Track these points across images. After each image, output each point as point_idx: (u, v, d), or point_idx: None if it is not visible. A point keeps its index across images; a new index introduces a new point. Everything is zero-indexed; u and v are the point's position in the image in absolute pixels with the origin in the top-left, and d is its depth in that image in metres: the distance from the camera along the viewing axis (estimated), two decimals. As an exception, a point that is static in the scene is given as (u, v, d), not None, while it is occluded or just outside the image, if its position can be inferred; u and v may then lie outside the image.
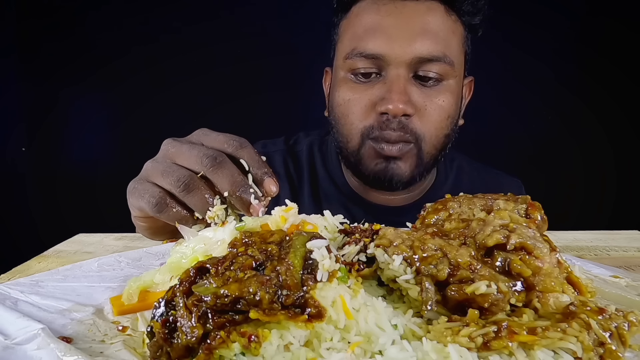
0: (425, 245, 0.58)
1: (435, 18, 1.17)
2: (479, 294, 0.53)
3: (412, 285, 0.57)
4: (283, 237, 0.59)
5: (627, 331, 0.51)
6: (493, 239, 0.56)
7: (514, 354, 0.49)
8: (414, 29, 1.15)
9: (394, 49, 1.15)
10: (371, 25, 1.18)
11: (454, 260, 0.56)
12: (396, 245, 0.59)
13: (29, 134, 2.42)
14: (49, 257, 1.00)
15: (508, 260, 0.56)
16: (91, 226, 1.26)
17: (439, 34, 1.17)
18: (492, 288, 0.53)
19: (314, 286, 0.50)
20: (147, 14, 2.29)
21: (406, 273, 0.57)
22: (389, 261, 0.58)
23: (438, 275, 0.55)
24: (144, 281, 0.70)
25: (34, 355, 0.53)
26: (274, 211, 0.68)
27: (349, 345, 0.51)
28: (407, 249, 0.58)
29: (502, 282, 0.54)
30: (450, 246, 0.58)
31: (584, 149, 2.26)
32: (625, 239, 1.14)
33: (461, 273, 0.55)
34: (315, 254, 0.54)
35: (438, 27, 1.17)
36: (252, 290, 0.49)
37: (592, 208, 2.14)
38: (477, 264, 0.55)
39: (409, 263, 0.58)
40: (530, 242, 0.56)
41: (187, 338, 0.48)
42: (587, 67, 2.22)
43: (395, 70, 1.16)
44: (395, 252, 0.58)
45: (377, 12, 1.19)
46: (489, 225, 0.58)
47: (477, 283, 0.53)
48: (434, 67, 1.16)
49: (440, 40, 1.16)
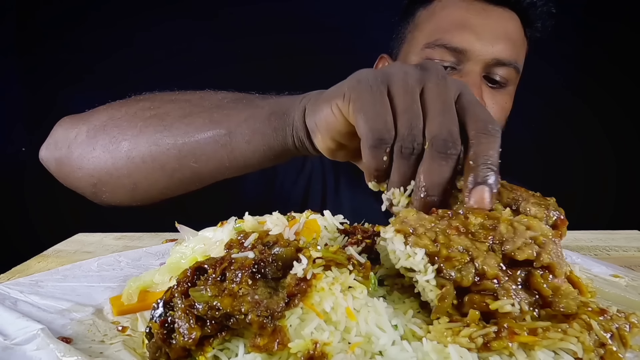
0: (451, 244, 0.54)
1: (514, 27, 1.28)
2: (502, 312, 0.51)
3: (433, 287, 0.53)
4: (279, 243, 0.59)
5: (628, 332, 0.51)
6: (524, 254, 0.53)
7: (515, 354, 0.49)
8: (498, 32, 1.23)
9: (477, 46, 1.21)
10: (459, 20, 1.24)
11: (481, 268, 0.52)
12: (419, 234, 0.55)
13: (28, 134, 2.42)
14: (48, 256, 1.00)
15: (529, 275, 0.54)
16: (91, 226, 1.25)
17: (516, 41, 1.27)
18: (516, 307, 0.51)
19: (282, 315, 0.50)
20: (148, 12, 2.29)
21: (426, 271, 0.53)
22: (409, 253, 0.54)
23: (462, 282, 0.52)
24: (144, 281, 0.70)
25: (34, 355, 0.53)
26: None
27: (349, 345, 0.50)
28: (431, 243, 0.54)
29: (524, 302, 0.52)
30: (478, 250, 0.54)
31: (584, 148, 2.26)
32: (625, 239, 1.14)
33: (485, 284, 0.52)
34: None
35: (515, 35, 1.27)
36: (244, 310, 0.48)
37: (592, 208, 2.14)
38: (504, 276, 0.53)
39: (430, 260, 0.53)
40: (556, 260, 0.54)
41: (184, 339, 0.48)
42: (587, 67, 2.22)
43: (473, 66, 1.22)
44: (417, 243, 0.54)
45: (467, 10, 1.25)
46: (520, 237, 0.54)
47: (504, 301, 0.51)
48: (504, 71, 1.25)
49: (516, 48, 1.26)
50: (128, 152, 0.93)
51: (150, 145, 0.91)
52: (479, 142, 0.60)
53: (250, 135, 0.82)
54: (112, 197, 1.01)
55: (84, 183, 1.01)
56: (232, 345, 0.51)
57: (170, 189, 0.96)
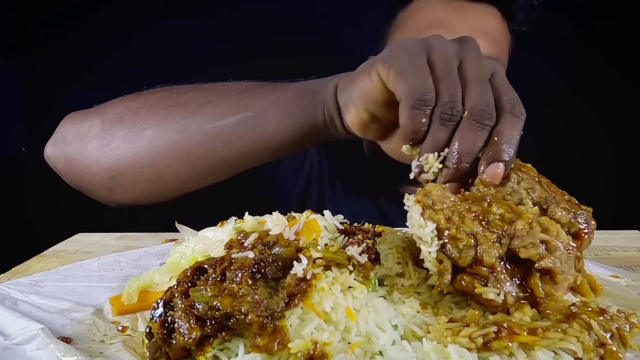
0: (462, 226, 0.57)
1: (494, 22, 1.25)
2: (485, 297, 0.54)
3: (433, 260, 0.57)
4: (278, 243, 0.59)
5: (628, 332, 0.51)
6: (527, 253, 0.55)
7: (515, 354, 0.49)
8: (475, 28, 1.20)
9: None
10: (435, 19, 1.23)
11: (480, 254, 0.55)
12: (436, 209, 0.58)
13: (28, 133, 2.42)
14: (48, 256, 1.00)
15: (528, 274, 0.56)
16: (91, 226, 1.25)
17: (495, 37, 1.24)
18: (499, 297, 0.54)
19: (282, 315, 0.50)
20: (148, 12, 2.29)
21: (432, 244, 0.56)
22: (422, 224, 0.58)
23: (459, 262, 0.55)
24: (144, 281, 0.70)
25: (34, 355, 0.53)
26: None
27: (349, 345, 0.50)
28: (444, 220, 0.57)
29: (510, 294, 0.54)
30: (485, 238, 0.56)
31: (584, 148, 2.26)
32: (625, 239, 1.14)
33: (480, 270, 0.55)
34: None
35: (495, 30, 1.24)
36: (244, 311, 0.48)
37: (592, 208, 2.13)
38: (499, 268, 0.55)
39: (438, 234, 0.57)
40: (559, 267, 0.55)
41: (184, 339, 0.48)
42: (586, 66, 2.22)
43: None
44: (431, 217, 0.57)
45: (442, 9, 1.24)
46: (532, 236, 0.56)
47: (489, 289, 0.54)
48: None
49: (496, 43, 1.23)
50: (152, 141, 0.91)
51: (175, 132, 0.89)
52: (505, 121, 0.62)
53: (281, 114, 0.82)
54: (128, 192, 0.97)
55: (99, 178, 0.97)
56: (232, 345, 0.51)
57: (192, 180, 0.93)
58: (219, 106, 0.88)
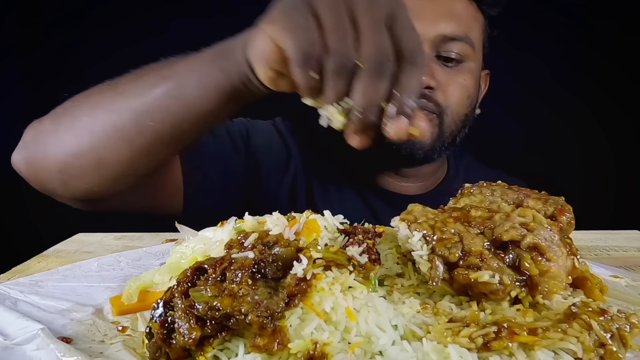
0: (445, 228, 0.61)
1: (461, 3, 1.25)
2: (481, 281, 0.56)
3: (424, 261, 0.60)
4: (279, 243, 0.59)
5: (629, 332, 0.51)
6: (509, 234, 0.58)
7: (515, 354, 0.49)
8: (439, 10, 1.21)
9: (419, 26, 1.18)
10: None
11: (468, 246, 0.59)
12: (420, 222, 0.63)
13: (28, 133, 2.43)
14: (48, 256, 1.00)
15: (519, 257, 0.58)
16: (91, 226, 1.25)
17: (462, 17, 1.24)
18: (494, 279, 0.56)
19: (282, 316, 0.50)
20: (148, 12, 2.29)
21: (422, 249, 0.61)
22: (409, 236, 0.62)
23: (449, 258, 0.58)
24: (144, 281, 0.70)
25: (34, 355, 0.53)
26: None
27: (349, 345, 0.50)
28: (429, 228, 0.62)
29: (506, 275, 0.57)
30: (468, 233, 0.60)
31: (584, 148, 2.25)
32: (625, 239, 1.14)
33: (470, 259, 0.58)
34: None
35: (461, 11, 1.24)
36: (244, 311, 0.48)
37: (592, 208, 2.13)
38: (488, 254, 0.58)
39: (427, 241, 0.61)
40: (545, 243, 0.58)
41: (184, 340, 0.48)
42: (586, 67, 2.22)
43: None
44: (417, 228, 0.62)
45: None
46: (510, 221, 0.60)
47: (482, 272, 0.56)
48: (455, 46, 1.21)
49: (463, 23, 1.23)
50: (89, 126, 0.92)
51: (107, 113, 0.90)
52: (404, 70, 0.60)
53: (198, 80, 0.82)
54: (79, 183, 0.97)
55: (52, 172, 0.97)
56: (232, 346, 0.51)
57: (135, 160, 0.92)
58: (144, 82, 0.89)
